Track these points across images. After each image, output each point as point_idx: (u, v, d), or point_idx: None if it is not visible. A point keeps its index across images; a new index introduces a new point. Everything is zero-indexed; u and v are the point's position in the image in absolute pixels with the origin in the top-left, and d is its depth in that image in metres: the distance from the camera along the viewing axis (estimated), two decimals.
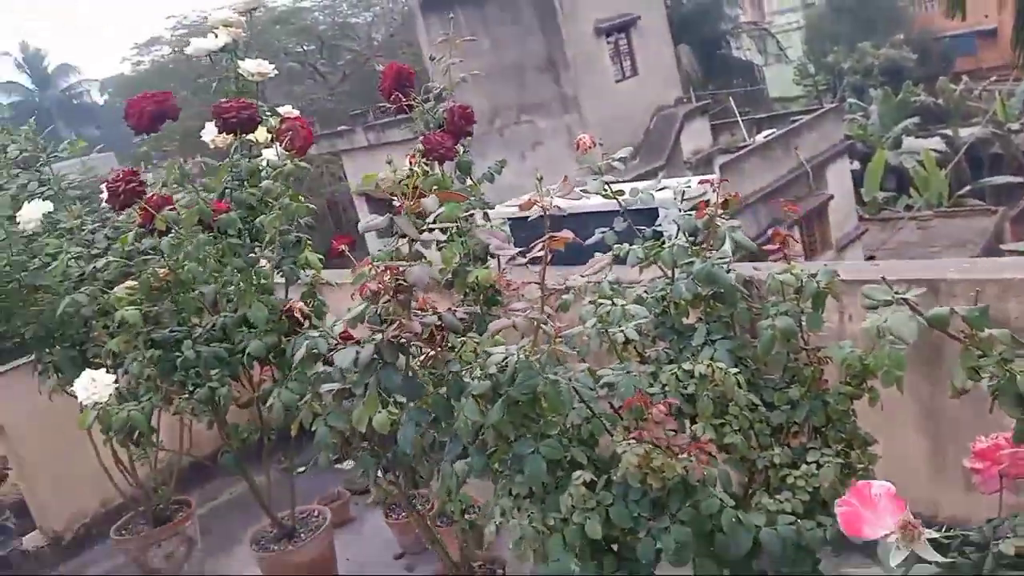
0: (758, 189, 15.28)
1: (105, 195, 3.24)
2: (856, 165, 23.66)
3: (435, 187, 3.03)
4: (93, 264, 3.67)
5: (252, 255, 3.27)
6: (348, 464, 5.37)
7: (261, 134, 3.58)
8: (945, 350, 2.58)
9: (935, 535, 1.43)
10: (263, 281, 3.23)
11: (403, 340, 2.31)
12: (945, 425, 3.18)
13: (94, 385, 3.19)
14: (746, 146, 17.46)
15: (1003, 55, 26.73)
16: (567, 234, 1.72)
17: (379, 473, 3.13)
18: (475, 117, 3.32)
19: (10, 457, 5.33)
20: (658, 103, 18.75)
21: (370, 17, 24.05)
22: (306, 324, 3.26)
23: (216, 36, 3.65)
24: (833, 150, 18.36)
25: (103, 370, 3.26)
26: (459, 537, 3.50)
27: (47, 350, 4.23)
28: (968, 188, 24.70)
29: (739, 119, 20.63)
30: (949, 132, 27.18)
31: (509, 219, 3.33)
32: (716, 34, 27.53)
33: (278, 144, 3.38)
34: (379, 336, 2.28)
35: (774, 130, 19.24)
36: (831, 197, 17.40)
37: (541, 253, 1.76)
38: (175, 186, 3.47)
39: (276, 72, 3.74)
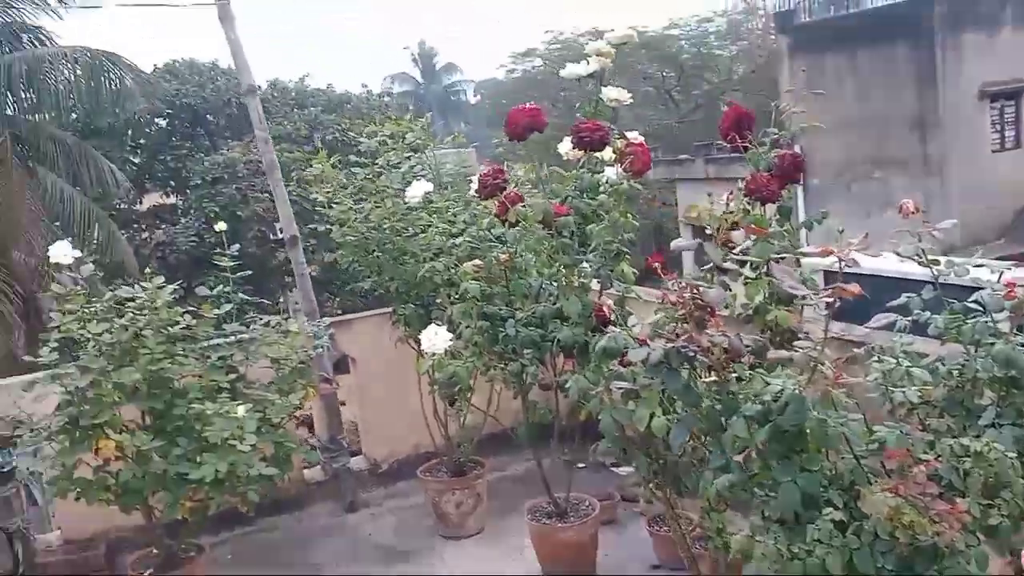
0: None
1: (475, 185, 3.91)
2: None
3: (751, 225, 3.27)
4: (452, 240, 4.40)
5: (578, 257, 3.72)
6: (625, 470, 5.76)
7: (607, 153, 4.04)
8: None
9: None
10: (583, 281, 3.66)
11: (691, 352, 2.58)
12: None
13: (436, 338, 3.87)
14: None
15: None
16: (855, 288, 1.87)
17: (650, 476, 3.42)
18: (805, 166, 3.48)
19: (354, 389, 6.42)
20: None
21: (735, 51, 24.11)
22: (610, 326, 3.64)
23: (588, 63, 4.18)
24: None
25: (444, 328, 3.94)
26: (711, 555, 3.66)
27: (403, 305, 5.12)
28: None
29: None
30: None
31: (824, 271, 3.43)
32: None
33: (619, 165, 3.81)
34: (670, 344, 2.58)
35: None
36: None
37: (829, 299, 1.93)
38: (527, 186, 4.05)
39: (632, 100, 4.18)
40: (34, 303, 13.28)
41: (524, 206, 3.63)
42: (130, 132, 19.49)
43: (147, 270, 4.68)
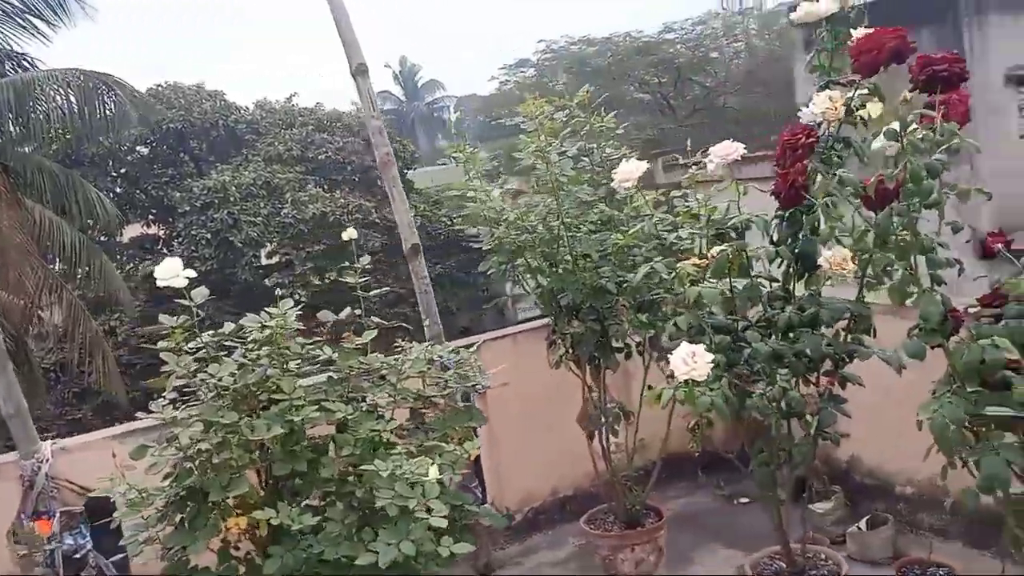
0: None
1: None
2: None
3: None
4: (675, 234, 3.50)
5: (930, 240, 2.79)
6: (822, 506, 4.88)
7: (875, 109, 3.20)
8: None
9: None
10: (936, 272, 2.74)
11: None
12: None
13: (694, 359, 2.95)
14: None
15: None
16: None
17: None
18: None
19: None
20: None
21: (731, 53, 23.60)
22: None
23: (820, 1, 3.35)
24: None
25: (701, 346, 3.02)
26: None
27: (568, 321, 4.18)
28: None
29: None
30: None
31: None
32: None
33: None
34: None
35: None
36: None
37: None
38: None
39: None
40: (23, 345, 12.13)
41: (837, 176, 2.74)
42: (111, 161, 18.38)
43: (277, 292, 3.68)
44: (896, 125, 2.63)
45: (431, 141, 35.76)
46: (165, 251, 17.84)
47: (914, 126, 2.57)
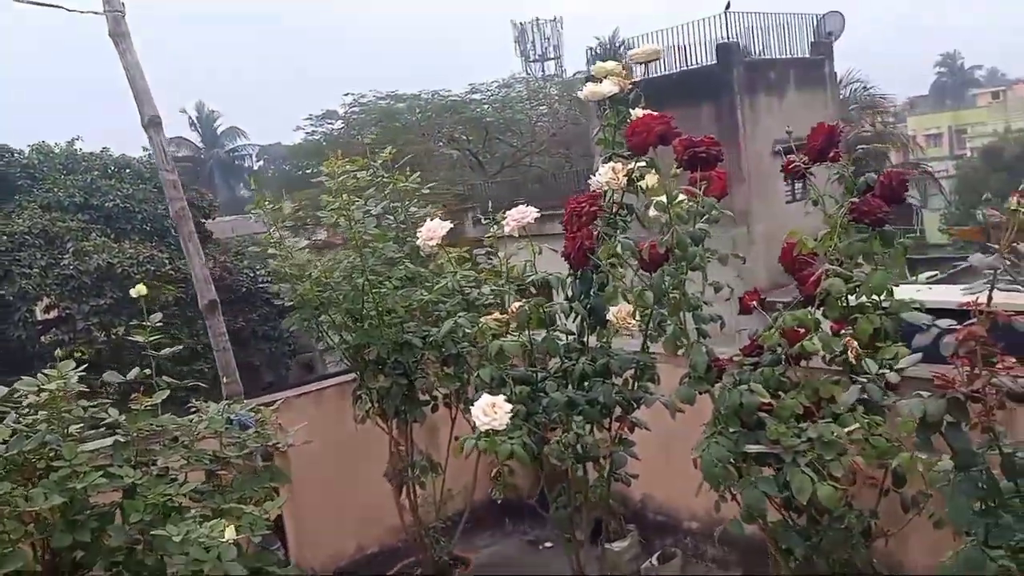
0: None
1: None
2: None
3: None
4: (477, 291, 3.64)
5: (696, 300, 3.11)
6: (619, 545, 5.14)
7: (651, 180, 3.54)
8: None
9: None
10: (699, 327, 3.06)
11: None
12: None
13: (494, 410, 3.09)
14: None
15: None
16: None
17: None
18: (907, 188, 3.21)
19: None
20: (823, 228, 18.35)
21: (536, 116, 24.79)
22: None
23: (603, 83, 3.68)
24: None
25: (500, 397, 3.16)
26: None
27: (374, 375, 4.20)
28: None
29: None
30: None
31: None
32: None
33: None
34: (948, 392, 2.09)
35: (936, 273, 18.45)
36: None
37: None
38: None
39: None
40: None
41: (617, 242, 3.01)
42: None
43: (57, 352, 3.43)
44: (664, 198, 2.95)
45: (231, 189, 34.49)
46: None
47: (681, 198, 2.89)
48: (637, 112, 3.55)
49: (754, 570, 4.77)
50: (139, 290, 3.82)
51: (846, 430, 2.73)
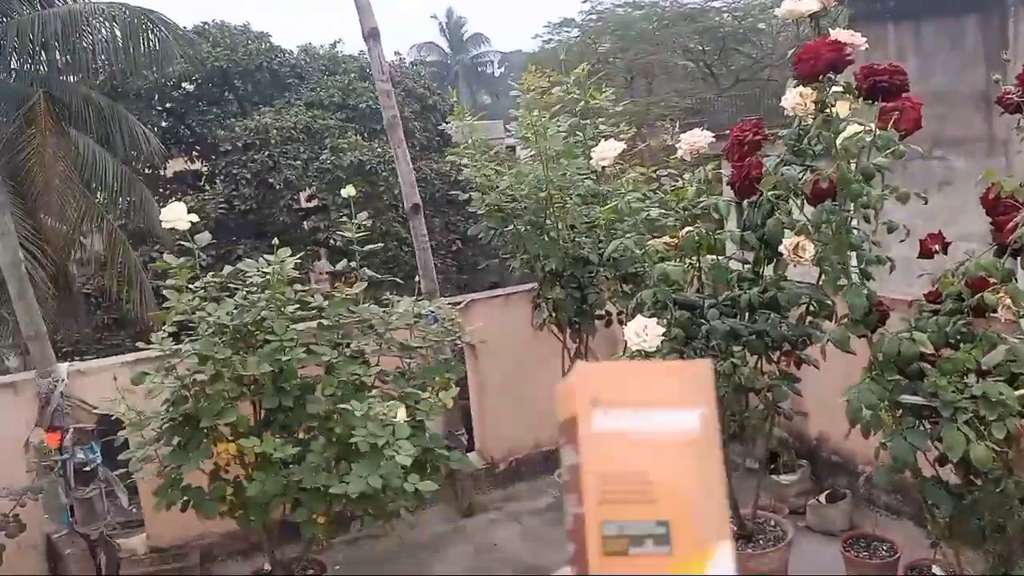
0: None
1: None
2: None
3: None
4: (645, 213, 3.69)
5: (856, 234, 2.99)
6: (788, 478, 5.10)
7: (843, 108, 3.34)
8: None
9: None
10: (864, 268, 2.93)
11: None
12: None
13: (646, 332, 3.17)
14: None
15: None
16: None
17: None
18: None
19: (470, 379, 5.67)
20: None
21: (778, 25, 23.11)
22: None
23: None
24: None
25: (651, 319, 3.24)
26: None
27: (551, 287, 4.41)
28: None
29: None
30: None
31: None
32: None
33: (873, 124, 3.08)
34: None
35: None
36: None
37: None
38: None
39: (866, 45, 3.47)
40: (64, 270, 12.65)
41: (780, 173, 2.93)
42: (156, 96, 18.79)
43: (274, 242, 3.96)
44: (850, 128, 2.80)
45: (474, 96, 35.65)
46: (207, 187, 18.26)
47: (854, 128, 2.73)
48: (836, 32, 3.34)
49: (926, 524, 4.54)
50: (348, 191, 4.26)
51: (1018, 392, 2.54)
